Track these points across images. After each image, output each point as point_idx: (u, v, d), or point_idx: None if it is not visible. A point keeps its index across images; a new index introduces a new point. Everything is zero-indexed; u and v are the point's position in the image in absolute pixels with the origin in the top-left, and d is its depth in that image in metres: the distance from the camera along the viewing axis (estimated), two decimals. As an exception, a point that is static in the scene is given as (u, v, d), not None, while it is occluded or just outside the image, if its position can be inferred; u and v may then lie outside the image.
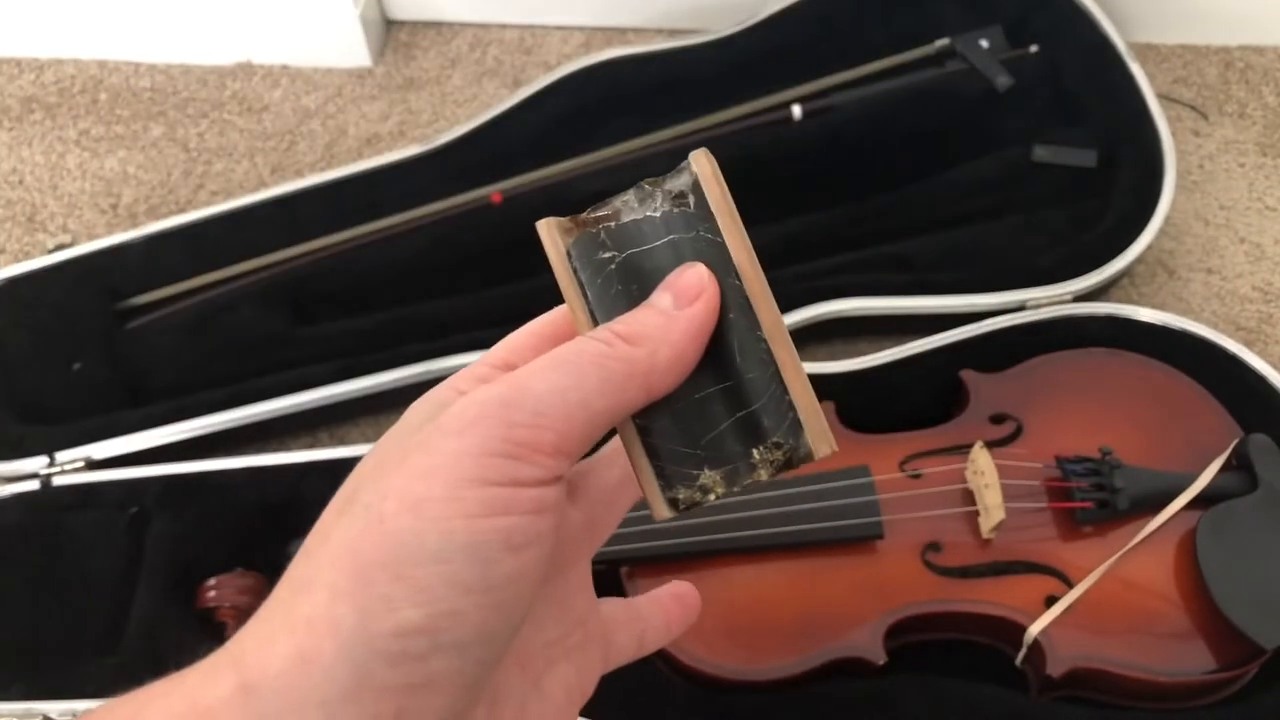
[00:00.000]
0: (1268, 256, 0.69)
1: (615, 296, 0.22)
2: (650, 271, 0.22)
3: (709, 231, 0.22)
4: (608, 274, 0.22)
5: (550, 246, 0.23)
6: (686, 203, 0.22)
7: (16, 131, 0.80)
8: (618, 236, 0.22)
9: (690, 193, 0.22)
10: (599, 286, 0.22)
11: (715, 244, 0.22)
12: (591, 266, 0.22)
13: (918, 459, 0.54)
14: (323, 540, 0.20)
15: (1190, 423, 0.54)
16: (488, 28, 0.84)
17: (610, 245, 0.22)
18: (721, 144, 0.68)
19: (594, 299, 0.22)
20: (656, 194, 0.22)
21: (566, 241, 0.23)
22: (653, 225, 0.22)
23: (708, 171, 0.22)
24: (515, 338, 0.24)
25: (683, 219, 0.22)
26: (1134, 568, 0.50)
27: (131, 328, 0.66)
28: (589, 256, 0.22)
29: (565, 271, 0.22)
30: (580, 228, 0.23)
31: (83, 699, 0.51)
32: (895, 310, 0.63)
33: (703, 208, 0.22)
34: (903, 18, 0.72)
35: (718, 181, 0.22)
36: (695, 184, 0.22)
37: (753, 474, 0.22)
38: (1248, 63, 0.77)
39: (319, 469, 0.58)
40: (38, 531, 0.57)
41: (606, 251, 0.22)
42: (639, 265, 0.22)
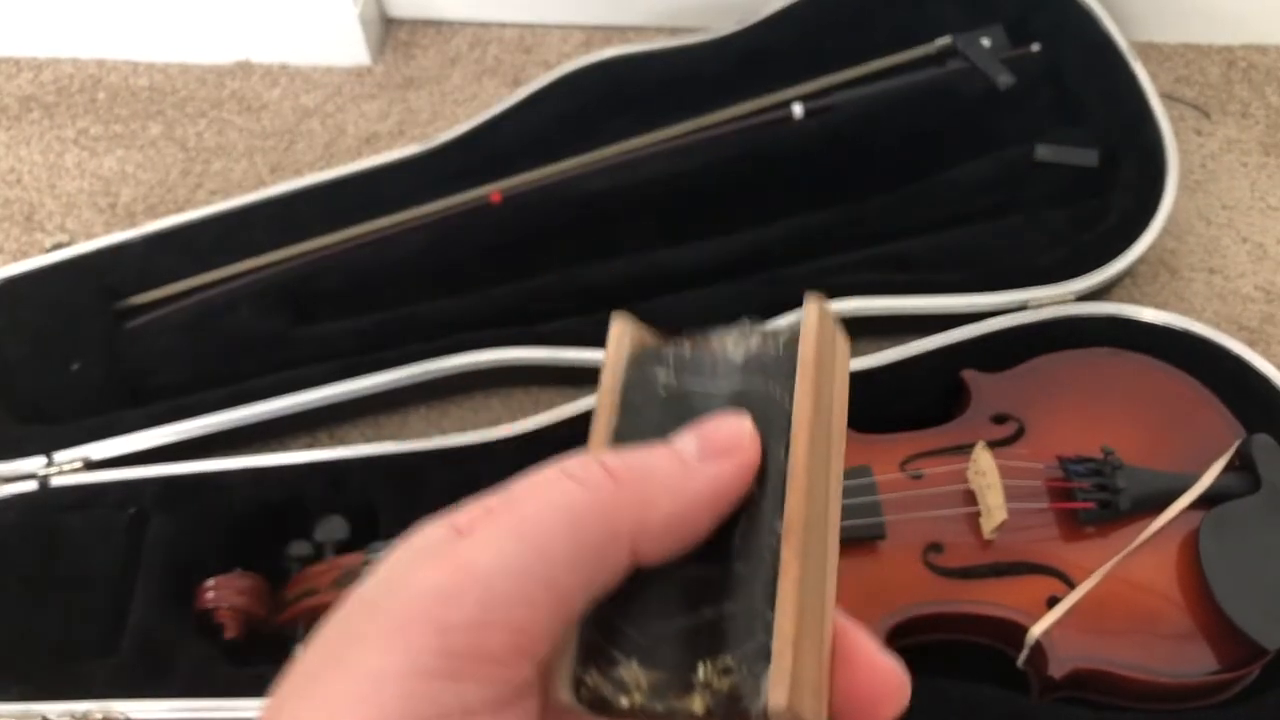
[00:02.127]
0: (1270, 256, 0.69)
1: (646, 428, 0.19)
2: (697, 414, 0.18)
3: (782, 389, 0.18)
4: (651, 396, 0.19)
5: (614, 344, 0.20)
6: (775, 346, 0.19)
7: (14, 130, 0.80)
8: (683, 363, 0.19)
9: (783, 335, 0.19)
10: (636, 406, 0.19)
11: (781, 409, 0.18)
12: (641, 383, 0.19)
13: (919, 459, 0.53)
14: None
15: (1192, 423, 0.54)
16: (487, 26, 0.84)
17: (671, 368, 0.19)
18: (722, 143, 0.68)
19: (622, 420, 0.19)
20: (753, 335, 0.19)
21: (633, 347, 0.20)
22: (728, 366, 0.19)
23: (812, 321, 0.18)
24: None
25: (760, 364, 0.19)
26: (1136, 568, 0.50)
27: (130, 327, 0.66)
28: (644, 370, 0.19)
29: (613, 377, 0.19)
30: (659, 339, 0.20)
31: (81, 700, 0.51)
32: (896, 310, 0.62)
33: (789, 360, 0.18)
34: (904, 16, 0.72)
35: (818, 338, 0.18)
36: (794, 330, 0.19)
37: (684, 699, 0.16)
38: (1250, 62, 0.77)
39: (318, 469, 0.58)
40: (36, 532, 0.57)
41: (665, 374, 0.19)
42: (690, 404, 0.19)
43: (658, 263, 0.66)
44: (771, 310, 0.62)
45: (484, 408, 0.66)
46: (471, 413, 0.66)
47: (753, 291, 0.64)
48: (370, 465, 0.58)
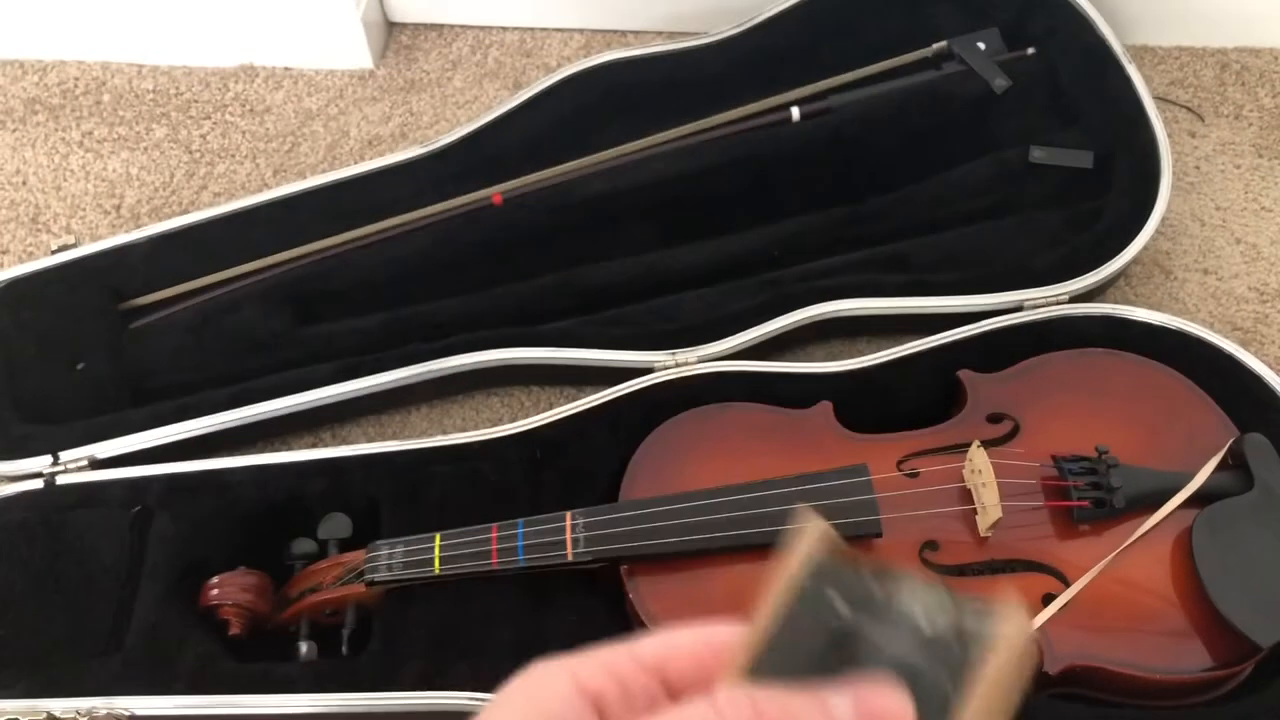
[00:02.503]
0: (1263, 257, 0.69)
1: (804, 649, 0.18)
2: (860, 663, 0.18)
3: (951, 687, 0.17)
4: (819, 624, 0.18)
5: (803, 545, 0.19)
6: (962, 643, 0.18)
7: (20, 133, 0.81)
8: (867, 602, 0.18)
9: (974, 640, 0.18)
10: (799, 628, 0.18)
11: (946, 704, 0.17)
12: (815, 600, 0.18)
13: (915, 458, 0.54)
14: None
15: (1186, 422, 0.54)
16: (489, 30, 0.85)
17: (853, 601, 0.18)
18: (721, 146, 0.69)
19: (787, 629, 0.18)
20: (948, 608, 0.18)
21: (820, 554, 0.19)
22: (909, 629, 0.18)
23: (1008, 641, 0.17)
24: (680, 636, 0.19)
25: (940, 654, 0.18)
26: (1130, 566, 0.50)
27: (135, 328, 0.67)
28: (822, 588, 0.18)
29: (789, 583, 0.18)
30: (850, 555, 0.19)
31: (86, 696, 0.51)
32: (894, 310, 0.63)
33: (969, 665, 0.18)
34: (900, 20, 0.73)
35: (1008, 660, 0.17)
36: (985, 640, 0.18)
37: None
38: (1244, 64, 0.77)
39: (321, 468, 0.59)
40: (42, 530, 0.57)
41: (843, 604, 0.18)
42: (856, 647, 0.18)
43: (657, 264, 0.67)
44: (771, 311, 0.63)
45: (485, 407, 0.67)
46: (473, 412, 0.67)
47: (752, 292, 0.64)
48: (373, 464, 0.59)
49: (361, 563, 0.53)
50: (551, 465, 0.58)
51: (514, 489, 0.57)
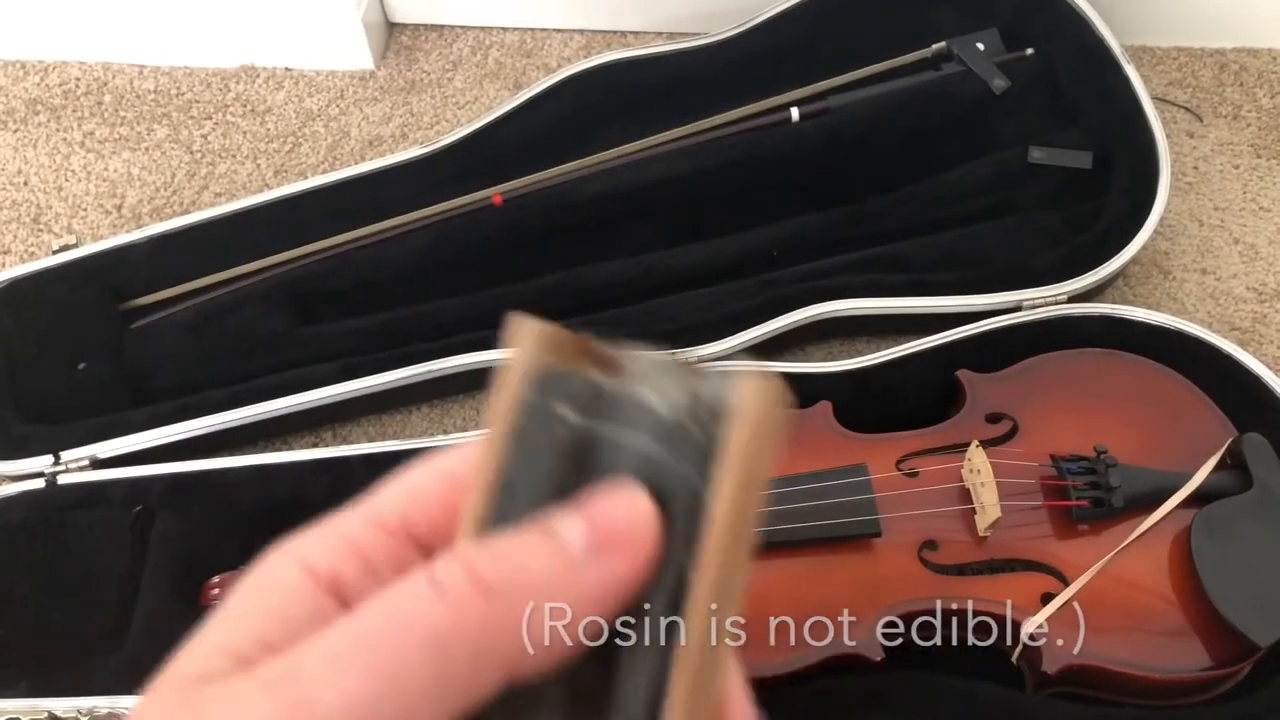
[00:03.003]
0: (1262, 257, 0.70)
1: (540, 472, 0.16)
2: (602, 469, 0.16)
3: (700, 476, 0.15)
4: (552, 437, 0.16)
5: (517, 356, 0.16)
6: (700, 425, 0.15)
7: (21, 133, 0.81)
8: (597, 400, 0.16)
9: (712, 417, 0.15)
10: (533, 445, 0.16)
11: (697, 496, 0.15)
12: (542, 415, 0.16)
13: (914, 458, 0.54)
14: None
15: (1185, 422, 0.54)
16: (489, 30, 0.85)
17: (581, 404, 0.16)
18: (720, 146, 0.69)
19: (517, 456, 0.16)
20: (680, 384, 0.16)
21: (541, 363, 0.16)
22: (646, 416, 0.16)
23: (750, 408, 0.15)
24: (419, 478, 0.17)
25: (682, 438, 0.15)
26: (1129, 566, 0.50)
27: (136, 328, 0.67)
28: (548, 400, 0.16)
29: (510, 399, 0.16)
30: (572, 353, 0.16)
31: (88, 696, 0.51)
32: (892, 310, 0.63)
33: (715, 444, 0.15)
34: (899, 20, 0.73)
35: (756, 428, 0.15)
36: (727, 411, 0.15)
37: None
38: (1242, 65, 0.77)
39: (322, 468, 0.59)
40: (43, 530, 0.57)
41: (572, 409, 0.16)
42: (594, 452, 0.16)
43: (657, 264, 0.67)
44: (770, 311, 0.63)
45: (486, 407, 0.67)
46: (473, 412, 0.67)
47: (751, 292, 0.65)
48: (373, 463, 0.59)
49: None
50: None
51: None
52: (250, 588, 0.16)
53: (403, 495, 0.17)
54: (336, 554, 0.16)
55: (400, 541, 0.17)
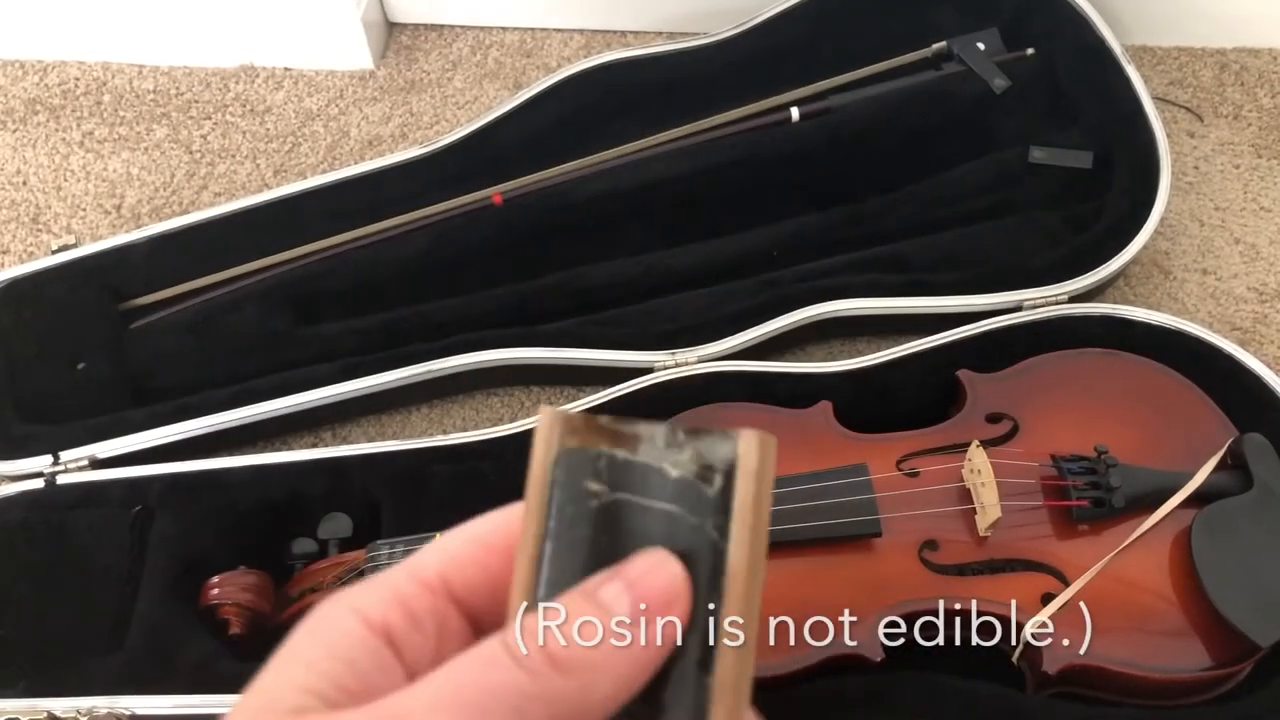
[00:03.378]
0: (1262, 257, 0.69)
1: (577, 541, 0.18)
2: (630, 533, 0.18)
3: (718, 529, 0.18)
4: (584, 509, 0.18)
5: (542, 442, 0.19)
6: (710, 481, 0.18)
7: (21, 133, 0.81)
8: (617, 472, 0.18)
9: (720, 473, 0.18)
10: (568, 517, 0.18)
11: (716, 549, 0.18)
12: (571, 490, 0.18)
13: (915, 458, 0.54)
14: None
15: (1185, 422, 0.54)
16: (489, 30, 0.85)
17: (605, 477, 0.18)
18: (720, 146, 0.69)
19: (555, 528, 0.18)
20: (686, 448, 0.18)
21: (562, 446, 0.18)
22: (662, 482, 0.18)
23: (751, 463, 0.18)
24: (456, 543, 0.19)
25: (696, 498, 0.18)
26: (1129, 566, 0.50)
27: (135, 328, 0.67)
28: (575, 477, 0.18)
29: (541, 479, 0.18)
30: (588, 435, 0.18)
31: (87, 696, 0.51)
32: (893, 310, 0.63)
33: (725, 499, 0.18)
34: (900, 20, 0.73)
35: (759, 480, 0.18)
36: (731, 468, 0.18)
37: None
38: (1243, 65, 0.77)
39: (322, 468, 0.59)
40: (42, 530, 0.57)
41: (597, 483, 0.18)
42: (621, 519, 0.18)
43: (657, 264, 0.67)
44: (771, 311, 0.63)
45: (485, 407, 0.67)
46: (473, 412, 0.67)
47: (751, 292, 0.64)
48: (373, 464, 0.59)
49: (362, 562, 0.53)
50: (551, 465, 0.58)
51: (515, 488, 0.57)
52: (312, 634, 0.18)
53: (441, 556, 0.19)
54: (386, 606, 0.19)
55: (440, 598, 0.19)
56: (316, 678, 0.18)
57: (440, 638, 0.19)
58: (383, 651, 0.18)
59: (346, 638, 0.18)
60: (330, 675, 0.18)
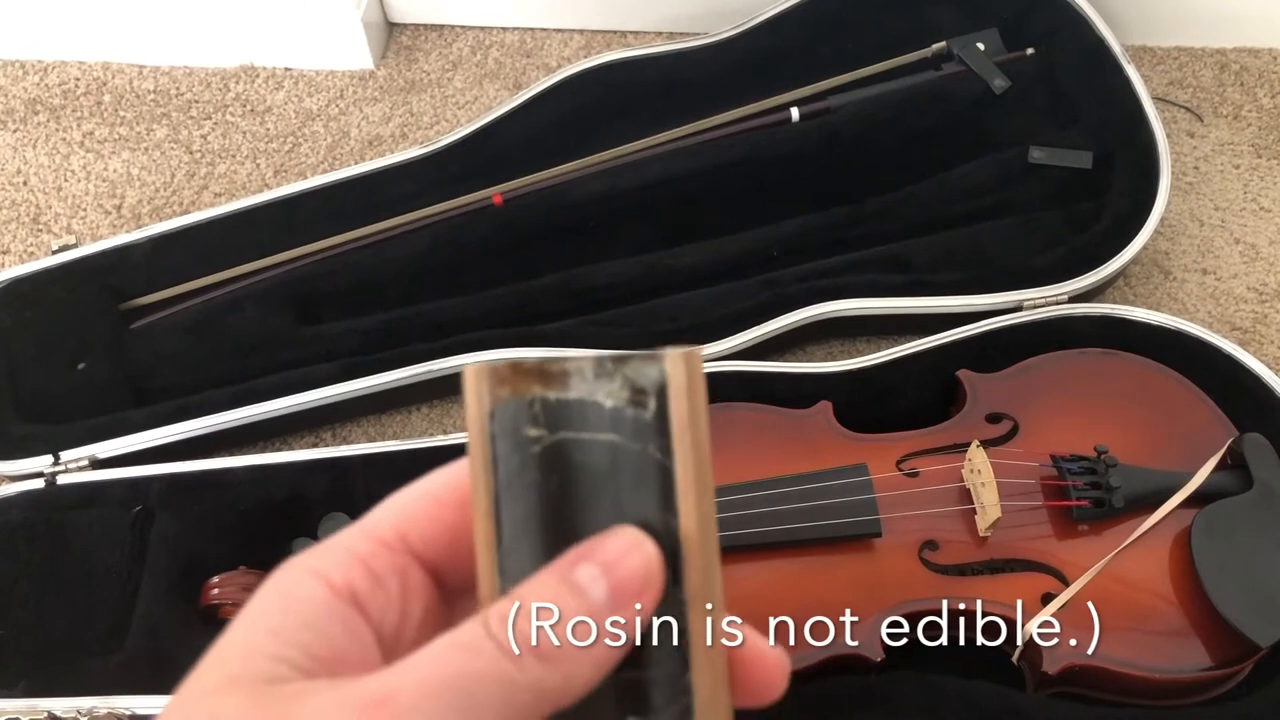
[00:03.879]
0: (1262, 257, 0.69)
1: (528, 486, 0.18)
2: (578, 467, 0.18)
3: (660, 450, 0.18)
4: (528, 455, 0.18)
5: (473, 400, 0.18)
6: (644, 405, 0.18)
7: (21, 133, 0.81)
8: (552, 412, 0.18)
9: (652, 395, 0.18)
10: (514, 467, 0.18)
11: (662, 468, 0.18)
12: (512, 440, 0.18)
13: (915, 458, 0.54)
14: None
15: (1185, 422, 0.54)
16: (489, 30, 0.85)
17: (541, 420, 0.18)
18: (720, 146, 0.69)
19: (504, 478, 0.18)
20: (616, 377, 0.18)
21: (494, 398, 0.18)
22: (598, 413, 0.18)
23: (680, 380, 0.18)
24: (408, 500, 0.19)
25: (634, 424, 0.18)
26: (1129, 566, 0.50)
27: (136, 328, 0.67)
28: (513, 426, 0.18)
29: (481, 437, 0.18)
30: (517, 382, 0.18)
31: (87, 696, 0.51)
32: (893, 310, 0.63)
33: (662, 420, 0.18)
34: (900, 20, 0.73)
35: (690, 395, 0.18)
36: (662, 388, 0.18)
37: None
38: (1243, 65, 0.77)
39: (321, 468, 0.59)
40: (43, 530, 0.57)
41: (535, 427, 0.18)
42: (567, 455, 0.18)
43: (657, 264, 0.67)
44: (771, 311, 0.63)
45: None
46: (473, 412, 0.66)
47: (751, 292, 0.64)
48: (373, 463, 0.59)
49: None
50: (551, 465, 0.58)
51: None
52: (273, 600, 0.18)
53: (396, 514, 0.19)
54: (347, 568, 0.18)
55: (399, 555, 0.19)
56: (287, 646, 0.17)
57: (404, 594, 0.19)
58: (350, 615, 0.18)
59: (312, 603, 0.18)
60: (300, 643, 0.17)
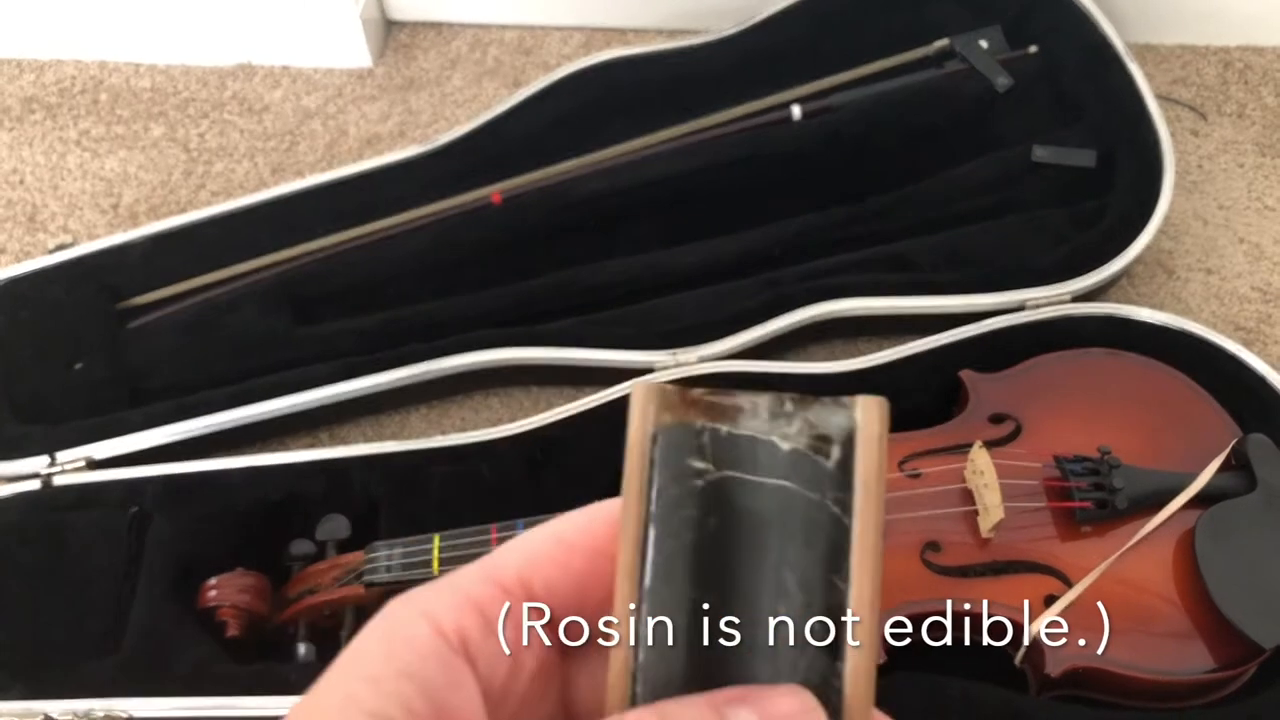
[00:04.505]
0: (1266, 256, 0.69)
1: (683, 522, 0.17)
2: (742, 512, 0.17)
3: (839, 505, 0.17)
4: (688, 489, 0.17)
5: (638, 419, 0.17)
6: (827, 454, 0.17)
7: (17, 132, 0.81)
8: (721, 447, 0.17)
9: (838, 444, 0.17)
10: (670, 499, 0.17)
11: (840, 525, 0.17)
12: (673, 470, 0.17)
13: (917, 459, 0.54)
14: None
15: (1189, 423, 0.54)
16: (488, 28, 0.84)
17: (708, 454, 0.17)
18: (721, 144, 0.69)
19: (657, 511, 0.17)
20: (796, 418, 0.17)
21: (659, 422, 0.17)
22: (772, 455, 0.17)
23: (874, 430, 0.17)
24: (535, 542, 0.18)
25: (813, 471, 0.17)
26: (1133, 567, 0.50)
27: (132, 327, 0.66)
28: (676, 456, 0.17)
29: (640, 459, 0.17)
30: (685, 409, 0.17)
31: (83, 698, 0.51)
32: (895, 310, 0.63)
33: (846, 472, 0.17)
34: (902, 18, 0.72)
35: (880, 446, 0.17)
36: (850, 437, 0.17)
37: None
38: (1246, 63, 0.77)
39: (319, 469, 0.59)
40: (39, 531, 0.57)
41: (700, 460, 0.17)
42: (731, 497, 0.17)
43: (657, 263, 0.67)
44: (772, 310, 0.62)
45: (484, 407, 0.66)
46: (472, 412, 0.66)
47: (753, 292, 0.64)
48: (371, 464, 0.58)
49: (360, 564, 0.52)
50: (551, 465, 0.58)
51: (514, 489, 0.57)
52: (376, 642, 0.17)
53: (520, 556, 0.18)
54: (460, 611, 0.17)
55: (517, 602, 0.18)
56: (385, 699, 0.16)
57: (517, 646, 0.18)
58: (455, 664, 0.17)
59: (417, 650, 0.17)
60: (399, 695, 0.16)
